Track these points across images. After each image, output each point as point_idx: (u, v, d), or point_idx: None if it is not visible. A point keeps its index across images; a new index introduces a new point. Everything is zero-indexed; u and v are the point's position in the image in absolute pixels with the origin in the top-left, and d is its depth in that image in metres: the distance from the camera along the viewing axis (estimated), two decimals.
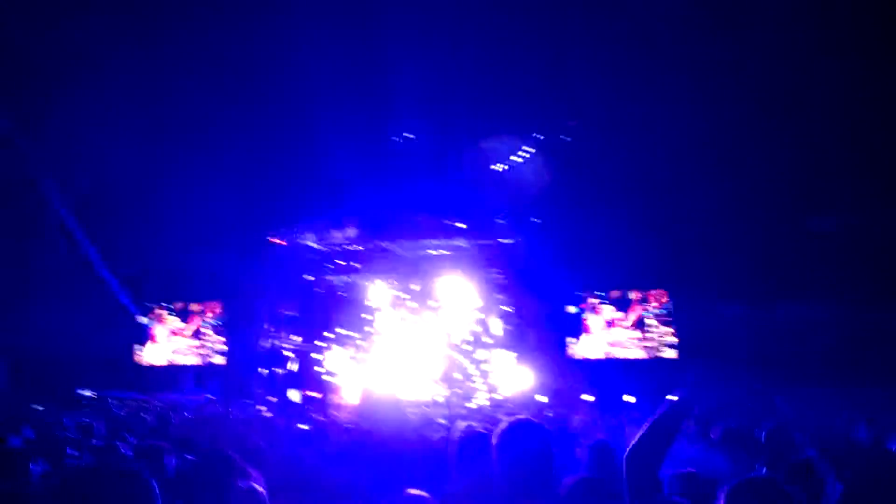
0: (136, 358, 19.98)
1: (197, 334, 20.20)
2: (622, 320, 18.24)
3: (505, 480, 2.05)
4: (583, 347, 18.40)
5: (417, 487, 2.96)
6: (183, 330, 20.25)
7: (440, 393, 17.66)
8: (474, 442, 2.08)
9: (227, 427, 7.16)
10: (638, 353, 18.01)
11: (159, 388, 17.15)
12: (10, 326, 15.88)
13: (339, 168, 15.44)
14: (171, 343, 20.14)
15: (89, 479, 2.31)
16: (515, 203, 16.83)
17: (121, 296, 16.16)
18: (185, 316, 20.32)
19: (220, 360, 19.80)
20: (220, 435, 5.79)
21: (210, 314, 20.27)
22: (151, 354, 20.17)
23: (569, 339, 18.43)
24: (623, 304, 18.32)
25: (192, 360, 19.85)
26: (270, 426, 7.42)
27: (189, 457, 3.92)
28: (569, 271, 17.72)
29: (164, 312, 20.23)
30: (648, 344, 17.99)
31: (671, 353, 17.71)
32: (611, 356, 18.18)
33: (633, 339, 18.14)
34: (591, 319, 18.45)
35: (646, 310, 18.08)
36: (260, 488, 2.98)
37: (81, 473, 2.46)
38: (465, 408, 15.71)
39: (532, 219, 16.89)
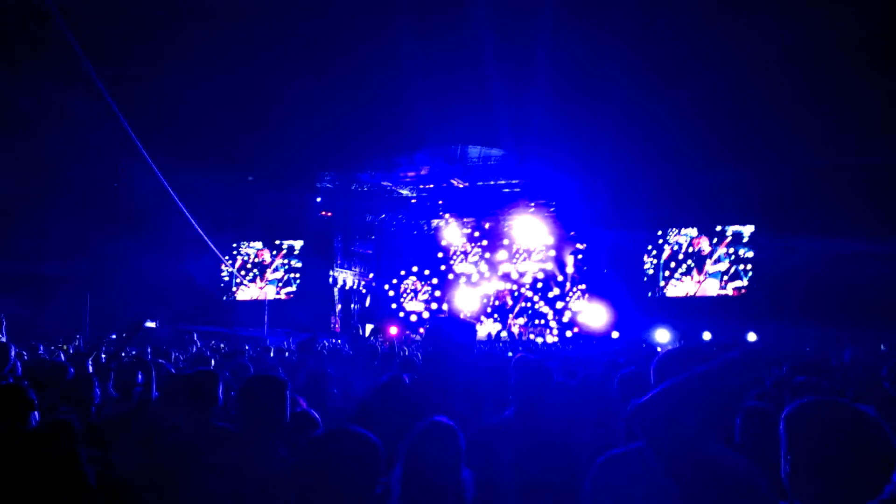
0: (223, 294, 20.76)
1: (276, 272, 20.75)
2: (701, 256, 17.73)
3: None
4: (661, 285, 18.02)
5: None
6: (262, 268, 20.84)
7: (510, 328, 17.75)
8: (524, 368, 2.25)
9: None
10: (715, 290, 17.52)
11: (242, 323, 17.71)
12: (95, 256, 16.60)
13: (410, 105, 15.28)
14: (251, 280, 20.78)
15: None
16: (591, 142, 16.33)
17: (204, 234, 16.59)
18: (263, 254, 20.89)
19: (295, 295, 20.29)
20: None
21: (285, 253, 20.75)
22: (234, 291, 20.89)
23: (648, 278, 18.07)
24: (705, 240, 17.80)
25: (271, 296, 20.41)
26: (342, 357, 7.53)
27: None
28: (646, 209, 17.25)
29: (245, 251, 20.87)
30: (726, 280, 17.46)
31: (742, 287, 17.13)
32: (689, 294, 17.75)
33: (711, 275, 17.64)
34: (669, 256, 18.01)
35: (724, 246, 17.51)
36: None
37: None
38: (535, 343, 15.73)
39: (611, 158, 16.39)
